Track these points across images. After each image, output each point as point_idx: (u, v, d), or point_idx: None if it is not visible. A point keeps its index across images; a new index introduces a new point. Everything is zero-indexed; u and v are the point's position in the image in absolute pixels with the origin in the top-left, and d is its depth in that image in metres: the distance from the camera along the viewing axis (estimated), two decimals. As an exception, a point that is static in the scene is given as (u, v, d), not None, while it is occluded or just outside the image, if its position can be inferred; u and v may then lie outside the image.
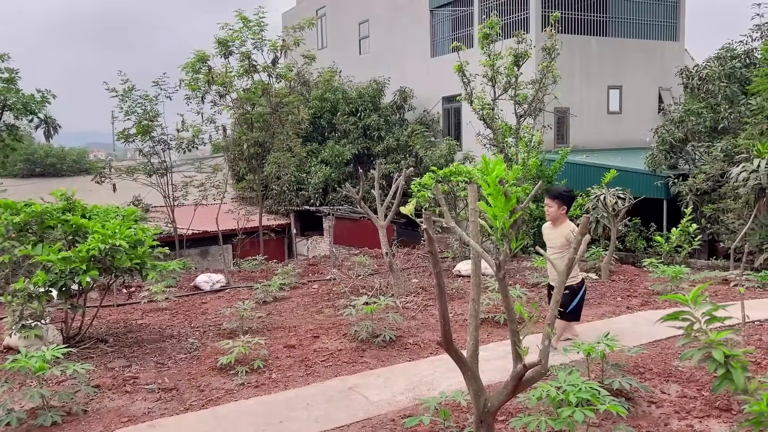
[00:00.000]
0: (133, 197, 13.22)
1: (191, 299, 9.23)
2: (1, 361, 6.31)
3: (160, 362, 6.21)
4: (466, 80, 12.92)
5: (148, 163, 13.26)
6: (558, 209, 5.81)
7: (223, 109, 13.51)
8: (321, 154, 20.86)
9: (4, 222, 6.57)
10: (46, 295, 6.32)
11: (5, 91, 11.18)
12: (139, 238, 6.67)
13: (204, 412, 4.91)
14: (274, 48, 13.25)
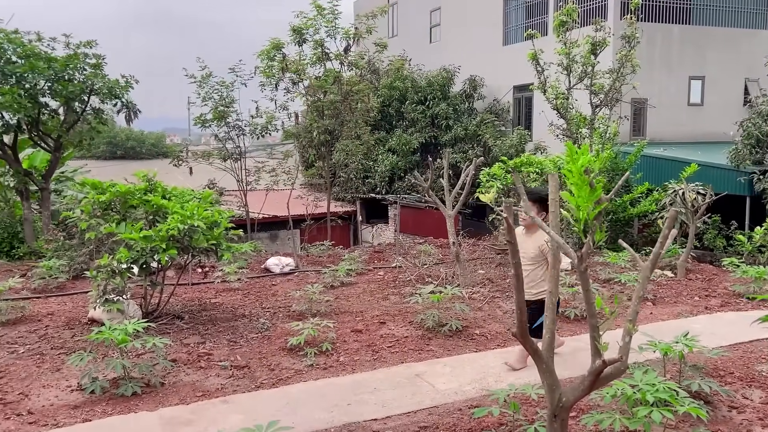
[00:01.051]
0: (208, 180, 13.63)
1: (262, 281, 9.47)
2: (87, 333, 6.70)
3: (233, 340, 6.41)
4: (539, 69, 12.61)
5: (223, 148, 13.63)
6: (537, 214, 5.20)
7: (296, 96, 13.72)
8: (388, 143, 20.90)
9: (91, 201, 6.92)
10: (128, 272, 6.63)
11: (92, 76, 11.70)
12: (215, 219, 6.88)
13: (274, 391, 5.04)
14: (346, 36, 13.33)
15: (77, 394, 5.06)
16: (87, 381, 5.10)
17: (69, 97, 11.57)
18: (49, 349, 6.18)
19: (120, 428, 4.34)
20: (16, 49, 11.34)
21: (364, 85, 14.35)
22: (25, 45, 11.37)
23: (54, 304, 8.01)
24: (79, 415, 4.64)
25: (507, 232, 2.49)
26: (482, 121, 19.72)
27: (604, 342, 2.72)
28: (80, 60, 11.65)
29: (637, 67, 12.70)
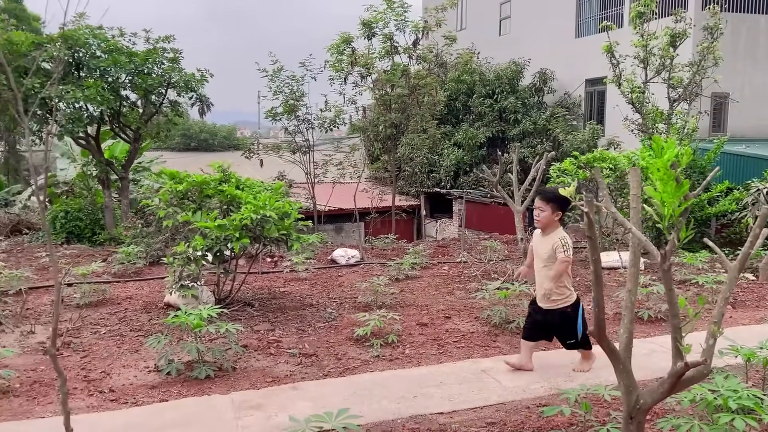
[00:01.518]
0: (278, 173, 13.95)
1: (328, 271, 9.61)
2: (163, 316, 6.98)
3: (301, 329, 6.54)
4: (615, 62, 12.22)
5: (293, 141, 13.91)
6: (551, 214, 4.88)
7: (364, 90, 13.82)
8: (454, 137, 20.76)
9: (169, 190, 7.19)
10: (203, 259, 6.86)
11: (170, 69, 12.17)
12: (286, 210, 7.02)
13: (342, 380, 5.11)
14: (416, 29, 13.32)
15: (154, 374, 5.28)
16: (164, 363, 5.31)
17: (148, 90, 12.08)
18: (128, 331, 6.48)
19: (194, 409, 4.50)
20: (101, 44, 11.91)
21: (432, 78, 14.30)
22: (109, 40, 11.93)
23: (132, 289, 8.38)
24: (156, 395, 4.85)
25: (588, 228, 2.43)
26: (552, 116, 19.29)
27: (686, 344, 2.61)
28: (159, 54, 12.13)
29: (720, 59, 12.11)
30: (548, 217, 4.90)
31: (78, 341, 6.11)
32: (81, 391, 4.91)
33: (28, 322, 6.68)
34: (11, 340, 6.13)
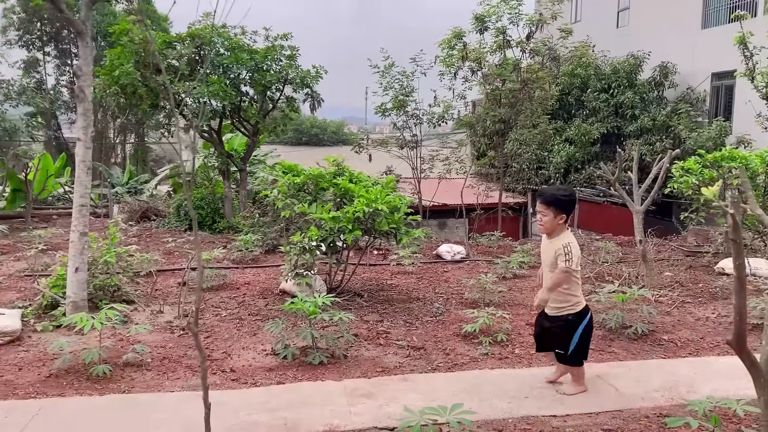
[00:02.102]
0: (386, 167, 14.14)
1: (434, 266, 9.63)
2: (278, 302, 7.29)
3: (409, 321, 6.61)
4: (748, 54, 11.32)
5: (401, 137, 14.03)
6: (554, 218, 4.44)
7: (474, 84, 13.69)
8: (565, 133, 20.08)
9: (287, 182, 7.49)
10: (317, 249, 7.09)
11: (287, 66, 12.65)
12: (396, 204, 7.12)
13: (450, 375, 5.12)
14: (530, 22, 13.02)
15: (271, 358, 5.53)
16: (280, 347, 5.56)
17: (266, 86, 12.61)
18: (247, 315, 6.82)
19: (310, 393, 4.67)
20: (224, 42, 12.58)
21: (545, 72, 13.90)
22: (231, 38, 12.57)
23: (250, 275, 8.81)
24: (273, 377, 5.08)
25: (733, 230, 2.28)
26: (674, 111, 18.18)
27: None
28: (277, 51, 12.63)
29: None
30: (551, 221, 4.46)
31: (201, 322, 6.52)
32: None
33: (158, 302, 7.21)
34: (143, 318, 6.64)
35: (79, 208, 6.21)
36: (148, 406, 4.42)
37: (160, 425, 4.12)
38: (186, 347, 5.76)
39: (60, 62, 26.76)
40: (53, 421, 4.17)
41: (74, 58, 26.67)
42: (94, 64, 6.43)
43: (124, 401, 4.53)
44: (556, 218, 4.44)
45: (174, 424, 4.13)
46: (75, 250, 6.22)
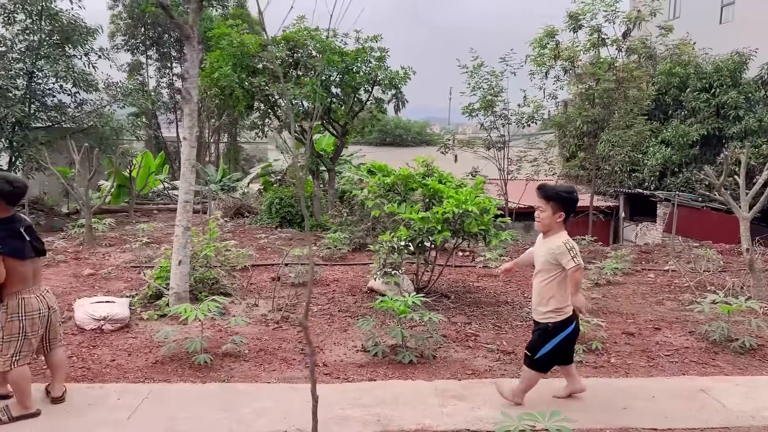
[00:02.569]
0: (471, 168, 14.02)
1: (522, 270, 9.44)
2: (367, 300, 7.40)
3: (497, 325, 6.53)
4: None
5: (488, 137, 13.88)
6: (552, 215, 4.20)
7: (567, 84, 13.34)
8: (662, 134, 19.16)
9: (378, 182, 7.58)
10: (405, 249, 7.14)
11: (376, 68, 12.78)
12: (485, 206, 7.05)
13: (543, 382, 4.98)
14: (627, 20, 12.52)
15: (362, 354, 5.62)
16: (371, 344, 5.64)
17: (355, 88, 12.80)
18: (337, 311, 6.96)
19: (400, 391, 4.71)
20: (316, 45, 12.87)
21: (642, 71, 13.33)
22: (323, 41, 12.85)
23: (338, 272, 8.98)
24: (365, 373, 5.16)
25: None
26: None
27: None
28: (367, 53, 12.79)
29: None
30: (548, 218, 4.22)
31: (294, 317, 6.71)
32: (299, 362, 5.39)
33: (253, 296, 7.49)
34: (239, 311, 6.91)
35: (184, 204, 6.54)
36: (247, 396, 4.60)
37: (260, 414, 4.27)
38: (280, 340, 5.95)
39: (161, 65, 28.28)
40: (161, 404, 4.42)
41: (173, 62, 28.13)
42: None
43: (224, 390, 4.74)
44: (555, 215, 4.20)
45: (274, 414, 4.28)
46: (179, 244, 6.56)
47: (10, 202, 4.08)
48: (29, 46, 14.36)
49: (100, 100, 15.73)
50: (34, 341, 4.17)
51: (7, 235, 4.01)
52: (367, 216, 10.73)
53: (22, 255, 4.04)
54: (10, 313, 4.04)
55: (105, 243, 11.17)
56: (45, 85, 14.90)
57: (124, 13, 26.30)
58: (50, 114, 14.99)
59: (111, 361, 5.32)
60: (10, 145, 13.98)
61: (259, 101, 12.75)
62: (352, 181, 15.55)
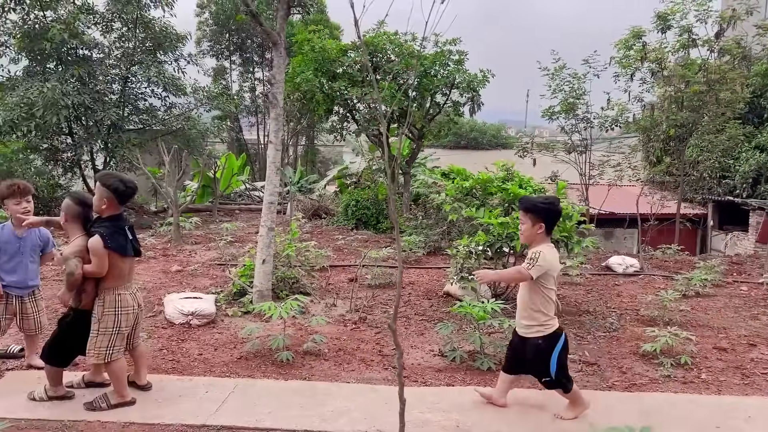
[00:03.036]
0: (551, 172, 13.74)
1: (603, 279, 9.18)
2: (443, 304, 7.39)
3: (579, 335, 6.36)
4: None
5: (569, 141, 13.56)
6: (532, 227, 4.12)
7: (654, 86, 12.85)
8: (756, 139, 18.11)
9: (456, 186, 7.56)
10: (483, 254, 7.08)
11: (454, 71, 12.74)
12: (567, 212, 6.89)
13: (628, 395, 4.85)
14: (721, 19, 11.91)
15: (439, 359, 5.61)
16: (448, 349, 5.62)
17: (433, 91, 12.81)
18: (413, 315, 6.98)
19: (479, 398, 4.67)
20: (395, 49, 12.97)
21: (737, 73, 12.65)
22: (402, 45, 12.93)
23: (414, 275, 9.00)
24: (442, 378, 5.15)
25: None
26: None
27: None
28: (445, 57, 12.77)
29: None
30: (528, 229, 4.16)
31: (371, 318, 6.79)
32: (377, 364, 5.45)
33: (331, 296, 7.62)
34: (318, 310, 7.06)
35: (268, 205, 6.75)
36: (328, 394, 4.69)
37: (341, 413, 4.35)
38: (358, 341, 6.03)
39: (243, 69, 29.32)
40: (246, 399, 4.58)
41: (255, 66, 29.06)
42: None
43: (306, 387, 4.85)
44: (534, 227, 4.14)
45: (354, 414, 4.34)
46: (263, 244, 6.77)
47: (121, 201, 4.34)
48: (125, 52, 15.20)
49: (187, 104, 16.46)
50: (126, 336, 4.40)
51: (114, 231, 4.25)
52: (442, 219, 10.71)
53: (124, 252, 4.28)
54: (107, 307, 4.27)
55: (191, 241, 11.67)
56: (138, 89, 15.74)
57: (210, 19, 27.42)
58: (142, 117, 15.81)
59: (198, 355, 5.55)
60: (105, 146, 14.84)
61: (338, 105, 12.97)
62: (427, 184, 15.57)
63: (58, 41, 13.28)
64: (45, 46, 13.43)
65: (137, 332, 4.60)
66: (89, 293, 4.30)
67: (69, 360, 4.53)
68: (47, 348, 4.44)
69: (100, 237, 4.16)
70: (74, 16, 13.48)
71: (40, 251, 5.10)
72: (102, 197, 4.28)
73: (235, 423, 4.18)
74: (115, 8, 14.71)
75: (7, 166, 13.93)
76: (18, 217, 4.86)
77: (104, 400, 4.36)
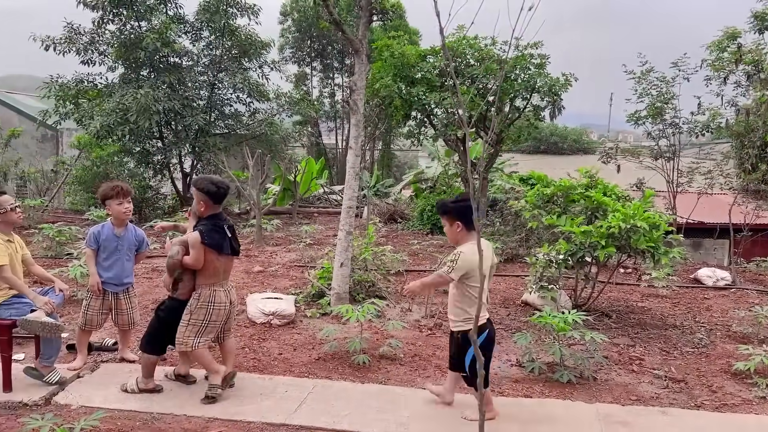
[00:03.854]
0: (636, 179, 13.19)
1: (692, 291, 8.75)
2: (520, 313, 7.26)
3: (665, 350, 6.10)
4: None
5: (655, 146, 12.99)
6: (450, 227, 4.32)
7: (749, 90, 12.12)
8: None
9: (537, 192, 7.41)
10: (564, 263, 6.90)
11: (535, 75, 12.47)
12: (655, 221, 6.62)
13: (718, 416, 4.60)
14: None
15: (516, 369, 5.52)
16: (527, 359, 5.52)
17: (513, 95, 12.60)
18: (490, 323, 6.88)
19: (559, 411, 4.56)
20: (474, 53, 12.85)
21: None
22: (482, 49, 12.79)
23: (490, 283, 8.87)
24: (520, 389, 5.06)
25: None
26: None
27: None
28: (526, 60, 12.53)
29: None
30: (449, 230, 4.39)
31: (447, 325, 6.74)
32: (453, 371, 5.41)
33: (406, 301, 7.64)
34: (394, 314, 7.09)
35: (347, 209, 6.85)
36: (404, 399, 4.71)
37: (418, 418, 4.36)
38: (434, 347, 6.02)
39: (323, 76, 29.93)
40: (324, 399, 4.66)
41: (335, 72, 29.60)
42: (353, 76, 6.99)
43: (382, 391, 4.89)
44: (453, 227, 4.31)
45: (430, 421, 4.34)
46: (341, 247, 6.88)
47: (216, 201, 4.58)
48: (212, 60, 15.84)
49: (270, 109, 16.96)
50: (215, 330, 4.61)
51: (212, 229, 4.50)
52: (521, 226, 10.52)
53: (220, 249, 4.50)
54: (201, 301, 4.50)
55: (272, 242, 12.01)
56: (224, 95, 16.35)
57: (293, 27, 28.16)
58: (227, 122, 16.42)
59: (278, 355, 5.71)
60: (193, 149, 15.51)
61: (416, 110, 12.99)
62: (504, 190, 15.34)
63: (151, 50, 14.00)
64: (139, 55, 14.19)
65: (228, 327, 4.79)
66: (185, 284, 4.58)
67: (163, 348, 4.79)
68: (144, 337, 4.73)
69: (199, 233, 4.44)
70: (166, 26, 14.17)
71: (135, 250, 5.40)
72: (199, 200, 4.58)
73: (312, 423, 4.27)
74: (203, 17, 15.37)
75: (103, 168, 14.82)
76: (119, 217, 5.18)
77: (214, 387, 4.58)
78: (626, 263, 9.35)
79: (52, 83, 14.71)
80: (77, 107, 14.79)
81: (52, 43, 14.35)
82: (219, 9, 15.14)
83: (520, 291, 8.22)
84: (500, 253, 10.30)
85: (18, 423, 4.11)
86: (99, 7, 14.36)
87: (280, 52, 27.99)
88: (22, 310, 4.69)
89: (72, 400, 4.55)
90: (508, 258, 10.33)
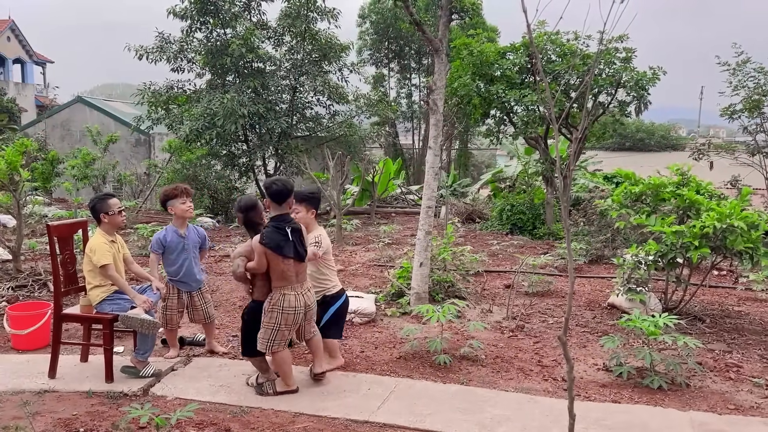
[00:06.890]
0: (731, 176, 12.51)
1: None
2: (606, 316, 7.03)
3: (766, 357, 5.73)
4: None
5: (752, 142, 12.27)
6: (307, 213, 5.19)
7: None
8: None
9: (624, 191, 7.15)
10: (654, 264, 6.62)
11: (621, 69, 12.03)
12: (754, 221, 6.23)
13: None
14: None
15: (603, 373, 5.34)
16: (614, 364, 5.33)
17: (597, 91, 12.21)
18: (574, 326, 6.71)
19: (649, 418, 4.38)
20: (556, 49, 12.55)
21: None
22: (564, 44, 12.47)
23: (575, 284, 8.65)
24: (607, 394, 4.90)
25: None
26: None
27: None
28: (611, 55, 12.12)
29: None
30: (304, 216, 5.13)
31: (529, 327, 6.63)
32: (536, 374, 5.31)
33: (486, 302, 7.57)
34: (474, 315, 7.04)
35: (426, 209, 6.86)
36: (486, 401, 4.66)
37: (500, 421, 4.30)
38: (516, 349, 5.93)
39: (401, 77, 30.06)
40: (406, 398, 4.69)
41: (412, 73, 29.66)
42: (430, 76, 6.98)
43: (464, 392, 4.86)
44: (308, 213, 5.18)
45: (512, 424, 4.27)
46: (420, 247, 6.89)
47: (276, 200, 4.66)
48: (294, 64, 16.25)
49: (349, 111, 17.21)
50: (287, 333, 4.66)
51: (273, 231, 4.55)
52: (606, 226, 10.18)
53: (280, 251, 4.50)
54: (272, 304, 4.58)
55: (352, 242, 12.19)
56: (305, 98, 16.75)
57: (371, 29, 28.44)
58: (308, 125, 16.81)
59: (360, 352, 5.78)
60: (276, 152, 15.98)
61: (495, 108, 12.83)
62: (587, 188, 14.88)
63: (236, 56, 14.53)
64: (225, 61, 14.76)
65: (309, 327, 4.88)
66: (259, 287, 4.70)
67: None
68: (241, 344, 4.90)
69: (259, 235, 4.54)
70: (250, 32, 14.67)
71: (198, 248, 5.64)
72: (265, 200, 4.73)
73: (395, 421, 4.30)
74: (285, 23, 15.80)
75: (192, 171, 15.51)
76: (182, 215, 5.44)
77: (271, 386, 4.72)
78: (721, 265, 8.87)
79: (145, 90, 15.56)
80: (168, 113, 15.57)
81: (145, 53, 15.17)
82: (300, 14, 15.52)
83: (605, 293, 7.96)
84: (584, 254, 10.02)
85: (119, 412, 4.37)
86: (188, 16, 15.06)
87: (358, 54, 28.34)
88: (122, 306, 4.99)
89: (167, 392, 4.79)
90: (593, 259, 10.02)
